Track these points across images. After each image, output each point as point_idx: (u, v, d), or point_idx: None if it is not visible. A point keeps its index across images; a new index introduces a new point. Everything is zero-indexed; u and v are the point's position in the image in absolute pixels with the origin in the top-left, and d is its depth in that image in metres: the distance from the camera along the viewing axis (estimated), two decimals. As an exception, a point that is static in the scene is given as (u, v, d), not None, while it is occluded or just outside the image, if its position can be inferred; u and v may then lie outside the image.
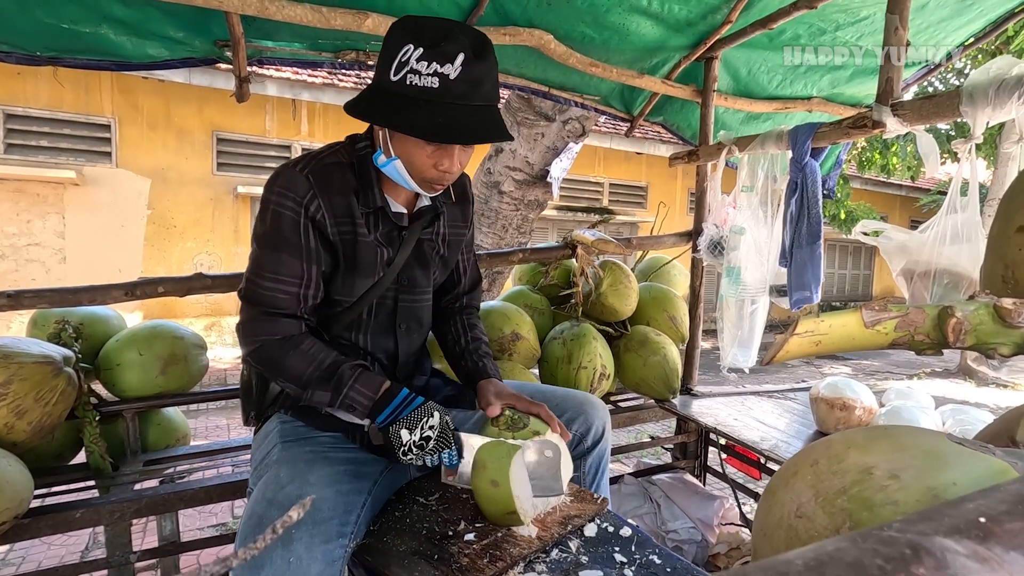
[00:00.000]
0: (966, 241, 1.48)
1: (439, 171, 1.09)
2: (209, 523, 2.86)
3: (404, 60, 0.99)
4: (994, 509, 0.24)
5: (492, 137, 1.04)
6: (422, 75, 0.98)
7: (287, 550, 0.90)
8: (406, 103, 1.00)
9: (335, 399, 1.09)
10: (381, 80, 1.04)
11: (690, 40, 2.19)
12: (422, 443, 1.07)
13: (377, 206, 1.16)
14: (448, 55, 0.98)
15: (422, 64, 0.98)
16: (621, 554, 1.00)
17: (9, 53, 1.68)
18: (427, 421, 1.07)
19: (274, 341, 1.11)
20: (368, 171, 1.15)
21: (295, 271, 1.11)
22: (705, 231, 2.29)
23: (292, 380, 1.11)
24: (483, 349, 1.37)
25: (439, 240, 1.30)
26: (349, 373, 1.10)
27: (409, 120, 1.00)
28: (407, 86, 0.99)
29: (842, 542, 0.22)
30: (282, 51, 1.95)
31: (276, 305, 1.11)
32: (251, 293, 1.12)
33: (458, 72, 0.98)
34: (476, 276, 1.49)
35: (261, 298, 1.11)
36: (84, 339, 1.73)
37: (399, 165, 1.09)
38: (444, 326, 1.43)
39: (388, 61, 1.02)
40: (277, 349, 1.11)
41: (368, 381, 1.10)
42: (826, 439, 0.55)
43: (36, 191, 6.01)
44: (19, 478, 1.32)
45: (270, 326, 1.11)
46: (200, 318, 6.86)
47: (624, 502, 2.19)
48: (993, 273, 0.64)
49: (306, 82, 6.56)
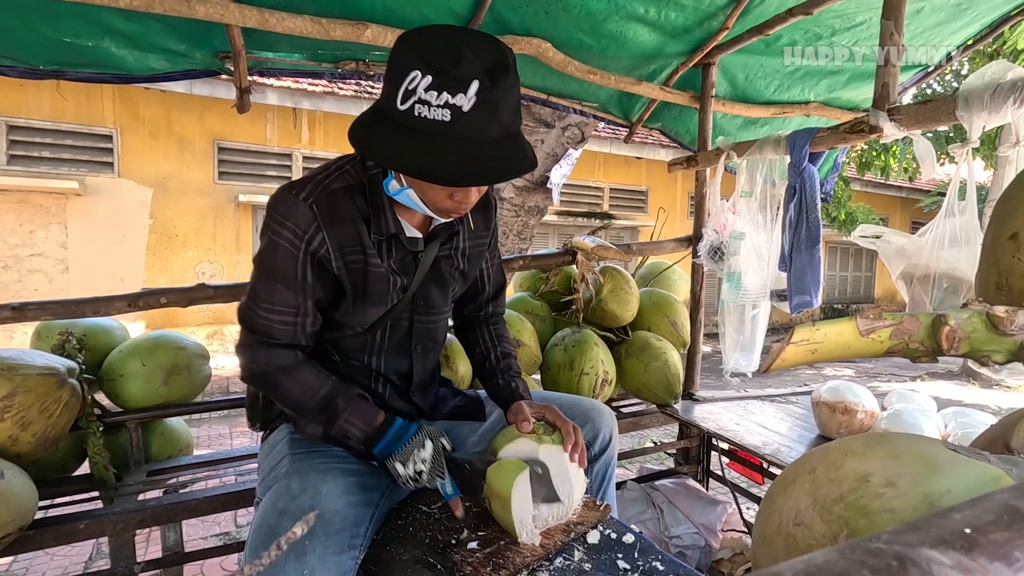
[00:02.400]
0: (965, 244, 1.49)
1: (455, 202, 1.00)
2: (212, 533, 2.86)
3: (411, 88, 0.87)
4: (980, 519, 0.25)
5: (510, 173, 0.94)
6: (431, 106, 0.86)
7: (300, 562, 0.90)
8: (413, 137, 0.89)
9: (328, 431, 1.08)
10: (388, 105, 0.92)
11: (687, 47, 2.20)
12: (416, 476, 1.06)
13: (390, 233, 1.08)
14: (460, 83, 0.86)
15: (431, 94, 0.86)
16: (624, 561, 1.00)
17: (12, 67, 1.70)
18: (418, 453, 1.06)
19: (270, 369, 1.09)
20: (379, 195, 1.07)
21: (289, 302, 1.07)
22: (705, 236, 2.30)
23: (288, 406, 1.12)
24: (514, 367, 1.33)
25: (458, 255, 1.22)
26: (343, 405, 1.08)
27: (417, 162, 0.90)
28: (415, 118, 0.88)
29: (831, 553, 0.23)
30: (282, 62, 1.97)
31: (271, 335, 1.08)
32: (248, 319, 1.09)
33: (472, 103, 0.86)
34: (501, 281, 1.41)
35: (256, 325, 1.08)
36: (87, 350, 1.74)
37: (412, 195, 1.02)
38: (471, 335, 1.39)
39: (395, 86, 0.89)
40: (273, 377, 1.10)
41: (362, 414, 1.08)
42: (824, 446, 0.56)
43: (39, 202, 6.04)
44: (23, 490, 1.32)
45: (265, 355, 1.09)
46: (202, 327, 6.87)
47: (627, 508, 2.18)
48: (987, 280, 0.65)
49: (306, 91, 6.59)
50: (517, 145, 0.95)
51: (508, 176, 0.94)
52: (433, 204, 1.02)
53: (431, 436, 1.09)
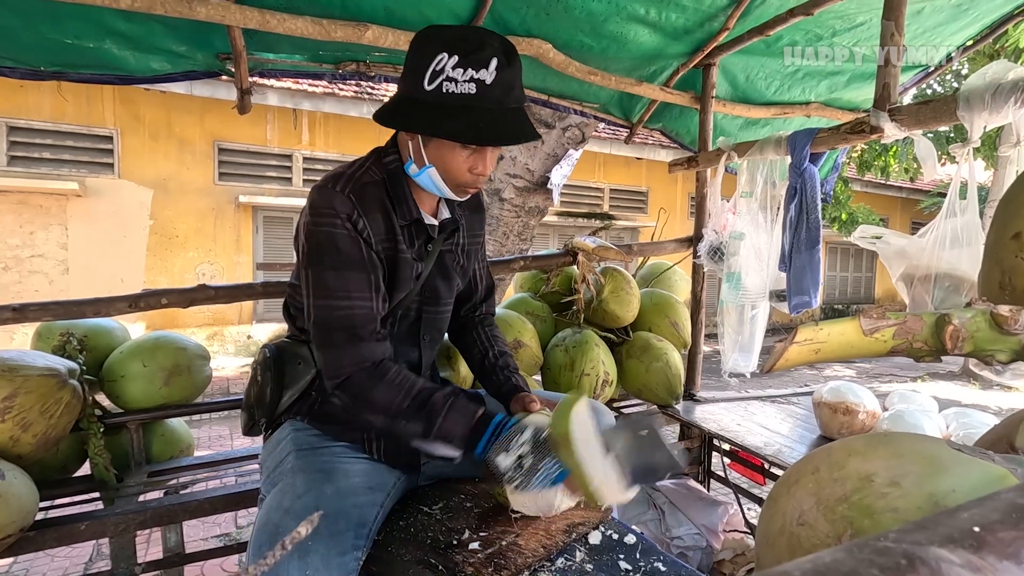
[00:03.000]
0: (966, 245, 1.48)
1: (474, 175, 1.10)
2: (213, 534, 2.86)
3: (439, 69, 1.00)
4: (988, 518, 0.25)
5: (527, 136, 1.07)
6: (459, 82, 1.00)
7: (303, 562, 0.90)
8: (445, 110, 1.01)
9: (428, 430, 1.04)
10: (413, 90, 1.04)
11: (688, 47, 2.20)
12: (518, 463, 1.00)
13: (414, 218, 1.17)
14: (483, 61, 1.00)
15: (458, 71, 1.00)
16: (626, 562, 1.00)
17: (14, 68, 1.70)
18: (518, 439, 1.01)
19: (362, 371, 1.07)
20: (401, 185, 1.16)
21: (363, 287, 1.09)
22: (705, 237, 2.30)
23: (381, 411, 1.07)
24: (512, 364, 1.36)
25: (459, 250, 1.31)
26: (442, 402, 1.06)
27: (452, 126, 1.02)
28: (444, 94, 1.01)
29: (839, 553, 0.23)
30: (283, 63, 1.97)
31: (354, 324, 1.07)
32: (325, 319, 1.08)
33: (493, 77, 1.00)
34: (490, 283, 1.48)
35: (338, 321, 1.07)
36: (88, 351, 1.74)
37: (433, 173, 1.10)
38: (467, 338, 1.42)
39: (420, 70, 1.02)
40: (365, 379, 1.07)
41: (461, 410, 1.06)
42: (827, 446, 0.55)
43: (39, 203, 6.04)
44: (24, 491, 1.32)
45: (355, 354, 1.07)
46: (203, 328, 6.88)
47: (628, 509, 2.18)
48: (990, 280, 0.65)
49: (307, 91, 6.59)
50: (526, 117, 1.10)
51: (526, 139, 1.07)
52: (453, 180, 1.11)
53: (532, 424, 1.03)
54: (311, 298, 1.10)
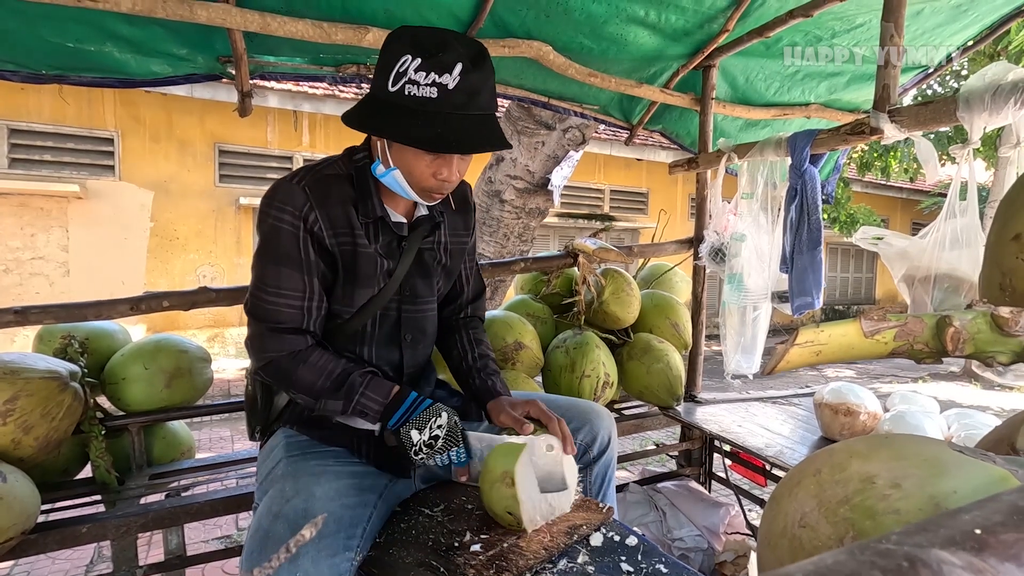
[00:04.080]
0: (966, 246, 1.49)
1: (438, 180, 1.09)
2: (214, 536, 2.86)
3: (402, 71, 0.99)
4: (989, 520, 0.25)
5: (489, 146, 1.05)
6: (420, 85, 0.98)
7: (293, 565, 0.90)
8: (404, 113, 1.00)
9: (347, 407, 1.10)
10: (378, 90, 1.04)
11: (688, 49, 2.20)
12: (431, 442, 1.08)
13: (377, 216, 1.16)
14: (446, 65, 0.98)
15: (420, 74, 0.98)
16: (627, 563, 1.00)
17: (15, 71, 1.70)
18: (435, 421, 1.09)
19: (282, 356, 1.12)
20: (367, 181, 1.15)
21: (297, 285, 1.11)
22: (706, 238, 2.30)
23: (303, 392, 1.12)
24: (491, 366, 1.35)
25: (440, 249, 1.29)
26: (359, 380, 1.11)
27: (407, 131, 1.01)
28: (405, 96, 0.99)
29: (841, 555, 0.23)
30: (284, 66, 1.97)
31: (280, 320, 1.11)
32: (256, 308, 1.12)
33: (456, 82, 0.98)
34: (479, 286, 1.47)
35: (266, 313, 1.11)
36: (89, 354, 1.74)
37: (398, 175, 1.10)
38: (448, 340, 1.41)
39: (386, 71, 1.02)
40: (285, 364, 1.12)
41: (378, 386, 1.12)
42: (828, 448, 0.55)
43: (40, 205, 6.05)
44: (26, 493, 1.32)
45: (277, 342, 1.11)
46: (203, 330, 6.88)
47: (629, 510, 2.18)
48: (991, 281, 0.65)
49: (307, 94, 6.61)
50: (494, 124, 1.07)
51: (487, 148, 1.05)
52: (418, 184, 1.10)
53: (446, 410, 1.12)
54: (251, 284, 1.14)
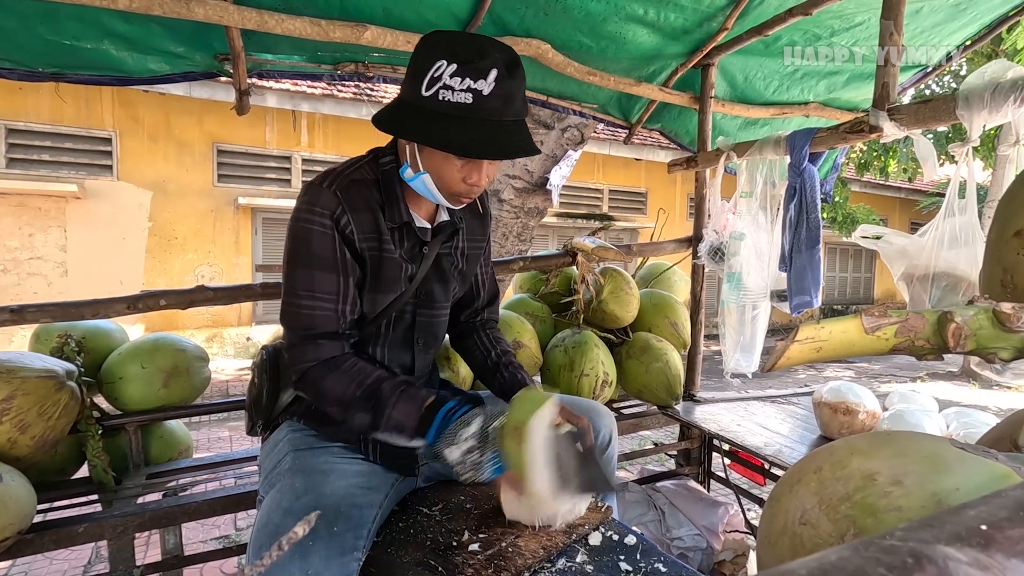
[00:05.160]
0: (964, 244, 1.48)
1: (468, 185, 1.09)
2: (212, 536, 2.85)
3: (437, 76, 0.98)
4: (995, 516, 0.24)
5: (523, 152, 1.04)
6: (455, 91, 0.97)
7: (305, 562, 0.90)
8: (439, 119, 0.99)
9: (378, 420, 1.05)
10: (411, 95, 1.02)
11: (687, 48, 2.20)
12: (467, 456, 1.01)
13: (403, 221, 1.16)
14: (482, 71, 0.97)
15: (455, 80, 0.97)
16: (626, 563, 1.00)
17: (12, 70, 1.69)
18: (464, 431, 1.02)
19: (317, 366, 1.10)
20: (393, 186, 1.15)
21: (330, 287, 1.10)
22: (705, 237, 2.29)
23: (335, 402, 1.09)
24: (515, 362, 1.36)
25: (458, 254, 1.29)
26: (390, 391, 1.06)
27: (444, 136, 1.00)
28: (440, 102, 0.98)
29: (845, 551, 0.23)
30: (282, 64, 1.97)
31: (314, 325, 1.09)
32: (289, 316, 1.11)
33: (491, 88, 0.98)
34: (494, 289, 1.47)
35: (299, 319, 1.10)
36: (86, 353, 1.73)
37: (428, 179, 1.09)
38: (467, 341, 1.41)
39: (419, 76, 1.00)
40: (320, 372, 1.09)
41: (410, 398, 1.06)
42: (829, 445, 0.55)
43: (38, 205, 6.03)
44: (22, 493, 1.31)
45: (312, 350, 1.10)
46: (201, 329, 6.87)
47: (628, 509, 2.18)
48: (992, 277, 0.65)
49: (305, 93, 6.59)
50: (525, 131, 1.07)
51: (520, 154, 1.04)
52: (447, 188, 1.10)
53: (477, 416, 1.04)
54: (283, 294, 1.13)
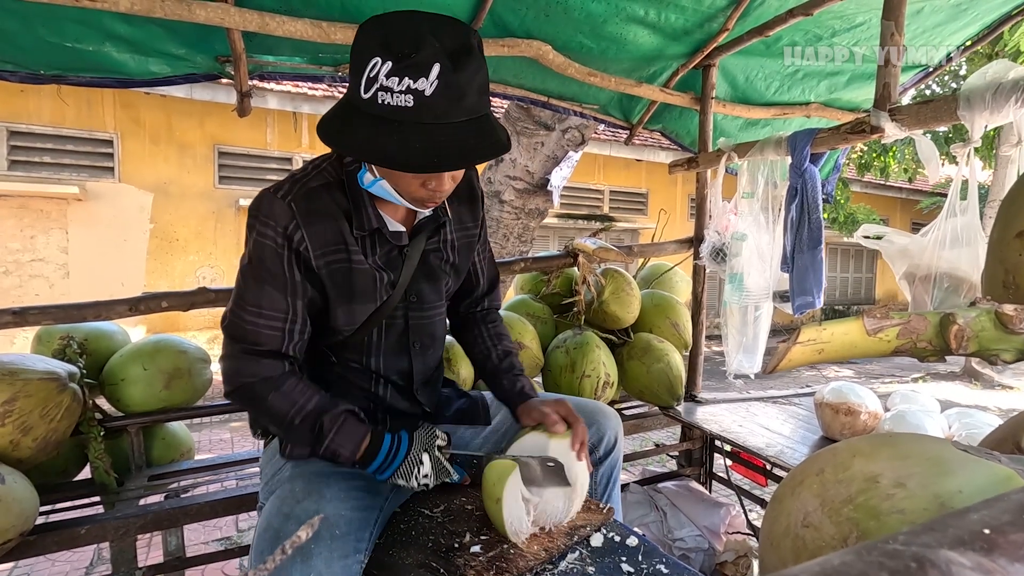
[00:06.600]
0: (966, 245, 1.48)
1: (428, 191, 0.98)
2: (214, 537, 2.85)
3: (373, 76, 0.86)
4: (998, 520, 0.24)
5: (478, 157, 0.91)
6: (394, 92, 0.85)
7: (307, 566, 0.90)
8: (378, 126, 0.87)
9: (317, 449, 1.05)
10: (353, 96, 0.91)
11: (687, 48, 2.20)
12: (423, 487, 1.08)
13: (372, 228, 1.07)
14: (421, 67, 0.84)
15: (393, 80, 0.84)
16: (628, 564, 1.00)
17: (13, 72, 1.70)
18: (418, 471, 1.06)
19: (255, 382, 1.04)
20: (359, 190, 1.05)
21: (279, 306, 1.04)
22: (707, 238, 2.29)
23: (273, 422, 1.08)
24: (517, 365, 1.31)
25: (447, 248, 1.20)
26: (329, 425, 1.04)
27: (382, 151, 0.88)
28: (379, 105, 0.86)
29: (847, 555, 0.22)
30: (283, 65, 1.97)
31: (259, 342, 1.04)
32: (233, 328, 1.05)
33: (434, 87, 0.84)
34: (494, 274, 1.40)
35: (244, 333, 1.04)
36: (88, 354, 1.73)
37: (386, 185, 1.00)
38: (468, 335, 1.37)
39: (358, 75, 0.88)
40: (258, 390, 1.05)
41: (350, 433, 1.04)
42: (831, 447, 0.55)
43: (40, 207, 6.05)
44: (25, 495, 1.31)
45: (251, 366, 1.05)
46: (203, 331, 6.87)
47: (630, 510, 2.17)
48: (994, 279, 0.64)
49: (306, 95, 6.60)
50: (485, 128, 0.92)
51: (476, 160, 0.92)
52: (408, 194, 1.00)
53: (427, 449, 1.08)
54: (231, 300, 1.07)
